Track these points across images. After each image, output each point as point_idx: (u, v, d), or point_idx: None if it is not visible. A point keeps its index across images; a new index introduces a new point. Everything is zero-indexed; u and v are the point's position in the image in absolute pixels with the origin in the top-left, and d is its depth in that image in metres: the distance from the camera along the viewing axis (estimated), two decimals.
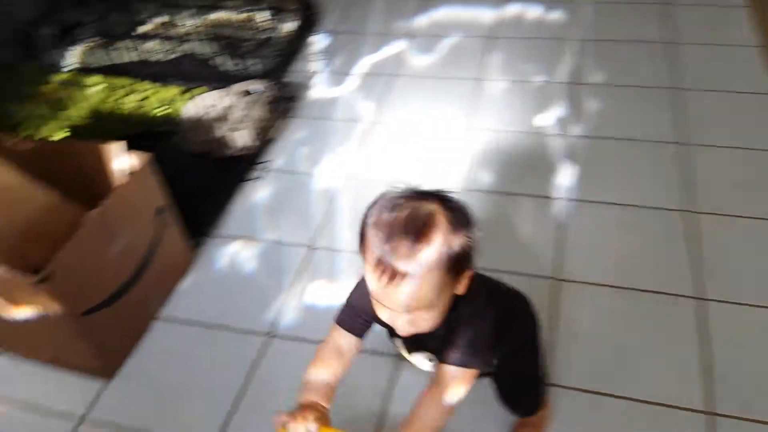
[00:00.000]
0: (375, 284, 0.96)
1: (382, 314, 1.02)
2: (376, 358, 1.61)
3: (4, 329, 1.66)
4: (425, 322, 1.02)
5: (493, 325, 1.10)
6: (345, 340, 1.16)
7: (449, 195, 1.00)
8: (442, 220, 0.94)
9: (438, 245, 0.93)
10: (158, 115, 2.43)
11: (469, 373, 1.08)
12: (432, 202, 0.96)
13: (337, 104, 2.56)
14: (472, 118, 2.41)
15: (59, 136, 2.32)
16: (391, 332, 1.15)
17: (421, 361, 1.22)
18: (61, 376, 1.71)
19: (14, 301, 1.55)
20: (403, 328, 1.02)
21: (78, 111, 2.46)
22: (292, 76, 2.73)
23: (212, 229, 2.07)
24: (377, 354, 1.61)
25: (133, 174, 1.71)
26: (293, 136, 2.43)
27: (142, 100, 2.50)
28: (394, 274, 0.92)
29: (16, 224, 1.56)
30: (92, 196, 1.65)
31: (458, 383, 1.07)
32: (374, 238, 0.94)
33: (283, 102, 2.51)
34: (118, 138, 1.74)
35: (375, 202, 0.99)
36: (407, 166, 2.24)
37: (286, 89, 2.58)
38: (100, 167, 1.76)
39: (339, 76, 2.71)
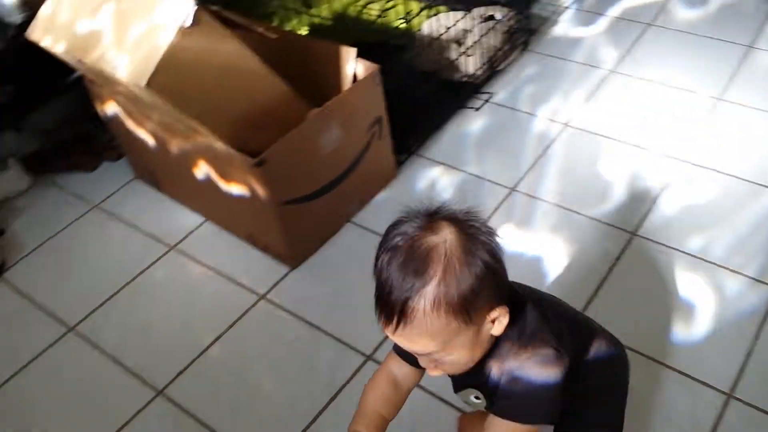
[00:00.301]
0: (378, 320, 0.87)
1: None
2: None
3: (212, 200, 1.84)
4: (450, 366, 0.90)
5: (560, 372, 0.90)
6: (401, 369, 1.07)
7: (471, 220, 0.84)
8: (442, 256, 0.80)
9: (434, 287, 0.79)
10: (397, 27, 2.46)
11: (523, 429, 0.92)
12: (442, 232, 0.82)
13: (579, 46, 2.39)
14: (729, 89, 2.12)
15: (303, 31, 2.44)
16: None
17: (470, 397, 1.08)
18: (253, 253, 1.85)
19: (228, 177, 1.70)
20: (428, 368, 0.92)
21: (325, 11, 2.57)
22: (538, 7, 2.59)
23: (420, 149, 2.09)
24: None
25: (359, 81, 1.75)
26: (523, 71, 2.32)
27: (385, 10, 2.53)
28: (388, 316, 0.83)
29: (251, 109, 1.68)
30: (317, 94, 1.74)
31: None
32: (379, 268, 0.84)
33: (522, 34, 2.40)
34: (355, 44, 1.78)
35: (393, 225, 0.86)
36: (636, 126, 2.05)
37: (528, 21, 2.46)
38: (331, 68, 1.83)
39: (589, 15, 2.52)
